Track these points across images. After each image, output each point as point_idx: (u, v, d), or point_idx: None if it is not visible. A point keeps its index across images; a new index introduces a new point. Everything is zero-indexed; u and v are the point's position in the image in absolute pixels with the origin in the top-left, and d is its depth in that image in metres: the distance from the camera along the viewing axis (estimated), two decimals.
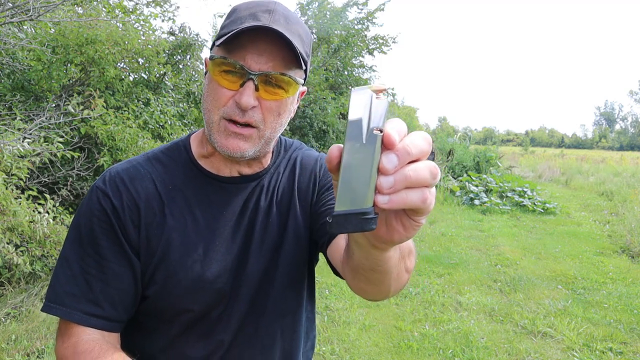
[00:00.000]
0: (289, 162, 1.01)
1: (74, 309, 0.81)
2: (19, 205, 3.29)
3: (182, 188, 0.90)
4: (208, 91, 0.83)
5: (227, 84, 0.80)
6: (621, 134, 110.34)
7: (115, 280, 0.83)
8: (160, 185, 0.89)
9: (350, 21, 14.10)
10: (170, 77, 6.48)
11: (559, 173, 17.09)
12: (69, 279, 0.83)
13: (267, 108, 0.81)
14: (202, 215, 0.89)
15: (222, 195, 0.91)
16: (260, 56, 0.78)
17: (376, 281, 0.73)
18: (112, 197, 0.85)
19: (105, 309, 0.82)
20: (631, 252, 6.06)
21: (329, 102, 12.32)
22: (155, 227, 0.86)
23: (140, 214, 0.86)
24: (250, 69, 0.77)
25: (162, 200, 0.88)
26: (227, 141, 0.81)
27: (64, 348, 0.81)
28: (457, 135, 16.21)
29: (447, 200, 9.87)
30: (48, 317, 3.53)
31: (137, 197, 0.86)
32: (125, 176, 0.88)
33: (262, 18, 0.78)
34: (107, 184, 0.87)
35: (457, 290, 4.53)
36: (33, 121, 3.96)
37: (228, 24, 0.82)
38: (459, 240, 6.55)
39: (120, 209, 0.85)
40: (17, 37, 4.43)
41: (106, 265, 0.83)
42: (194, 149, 0.94)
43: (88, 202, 0.87)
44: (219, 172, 0.92)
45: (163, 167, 0.91)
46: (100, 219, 0.84)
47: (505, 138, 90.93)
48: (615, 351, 3.33)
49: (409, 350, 3.28)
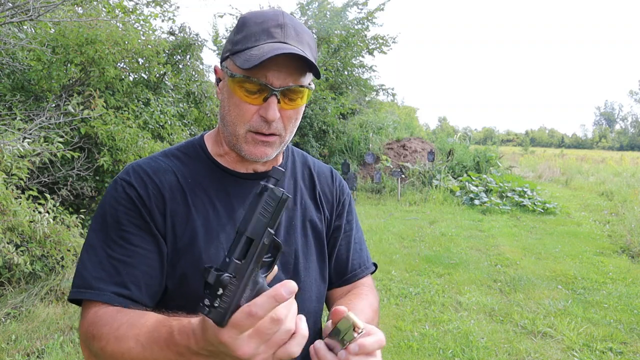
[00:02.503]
0: (305, 167, 1.10)
1: (102, 290, 0.82)
2: (19, 205, 3.29)
3: (201, 181, 0.94)
4: (230, 105, 0.89)
5: (250, 100, 0.86)
6: (621, 134, 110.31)
7: (141, 263, 0.85)
8: (182, 178, 0.93)
9: (350, 21, 14.10)
10: (170, 77, 6.48)
11: (559, 173, 17.10)
12: (95, 264, 0.84)
13: (287, 117, 0.89)
14: (222, 206, 0.93)
15: (240, 189, 0.96)
16: (280, 72, 0.84)
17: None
18: (138, 187, 0.88)
19: (132, 291, 0.84)
20: (631, 252, 6.06)
21: (329, 102, 12.32)
22: (180, 216, 0.90)
23: (165, 203, 0.89)
24: (272, 85, 0.84)
25: (184, 191, 0.92)
26: (255, 149, 0.89)
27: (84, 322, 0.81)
28: (457, 135, 16.20)
29: (447, 200, 9.87)
30: (48, 316, 3.53)
31: (161, 188, 0.90)
32: (148, 169, 0.92)
33: (275, 34, 0.85)
34: (132, 175, 0.91)
35: (457, 290, 4.53)
36: (33, 121, 3.96)
37: (242, 39, 0.87)
38: (459, 240, 6.55)
39: (146, 197, 0.88)
40: (17, 37, 4.43)
41: (132, 250, 0.85)
42: (210, 148, 0.99)
43: (113, 193, 0.89)
44: (235, 169, 0.98)
45: (181, 163, 0.96)
46: (127, 206, 0.87)
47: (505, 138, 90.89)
48: (615, 351, 3.33)
49: (409, 350, 3.28)
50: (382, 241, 6.46)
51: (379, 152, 12.66)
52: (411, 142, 13.18)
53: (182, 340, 0.65)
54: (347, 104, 13.07)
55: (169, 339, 0.67)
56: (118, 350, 0.74)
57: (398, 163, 12.17)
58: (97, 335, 0.77)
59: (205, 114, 7.20)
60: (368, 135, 13.06)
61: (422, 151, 12.87)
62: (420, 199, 10.08)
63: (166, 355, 0.68)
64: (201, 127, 7.15)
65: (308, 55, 0.84)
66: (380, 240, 6.49)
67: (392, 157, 12.46)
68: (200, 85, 7.13)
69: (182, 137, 5.87)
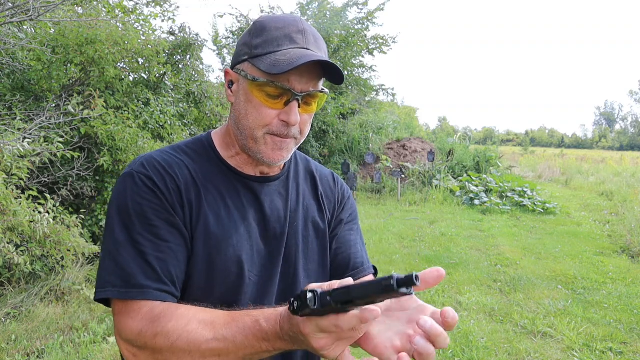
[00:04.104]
0: (307, 170, 1.12)
1: (146, 288, 0.81)
2: (19, 205, 3.29)
3: (212, 179, 0.95)
4: (248, 109, 0.89)
5: (271, 104, 0.87)
6: (621, 134, 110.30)
7: (173, 258, 0.85)
8: (195, 174, 0.93)
9: (350, 21, 14.11)
10: (170, 77, 6.48)
11: (559, 173, 17.10)
12: (130, 262, 0.82)
13: (303, 121, 0.91)
14: (233, 204, 0.94)
15: (249, 190, 0.97)
16: (302, 77, 0.86)
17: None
18: (158, 181, 0.88)
19: (169, 287, 0.84)
20: (631, 252, 6.06)
21: (329, 102, 12.32)
22: (196, 210, 0.90)
23: (182, 196, 0.89)
24: (294, 89, 0.86)
25: (198, 186, 0.92)
26: (273, 153, 0.91)
27: (137, 320, 0.79)
28: (457, 135, 16.21)
29: (447, 200, 9.87)
30: (48, 316, 3.53)
31: (177, 181, 0.90)
32: (163, 162, 0.91)
33: (298, 40, 0.87)
34: (148, 168, 0.89)
35: (457, 290, 4.53)
36: (33, 121, 3.96)
37: (262, 43, 0.87)
38: (459, 240, 6.55)
39: (166, 191, 0.88)
40: (17, 37, 4.43)
41: (163, 245, 0.85)
42: (219, 148, 0.99)
43: (133, 187, 0.87)
44: (243, 170, 0.99)
45: (191, 159, 0.96)
46: (151, 200, 0.86)
47: (505, 138, 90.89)
48: (615, 351, 3.33)
49: None
50: (382, 241, 6.46)
51: (379, 152, 12.66)
52: (411, 142, 13.18)
53: (269, 326, 0.71)
54: (347, 104, 13.07)
55: (255, 326, 0.72)
56: (194, 342, 0.74)
57: (398, 163, 12.17)
58: (162, 332, 0.76)
59: (205, 114, 7.20)
60: (368, 135, 13.06)
61: (422, 151, 12.87)
62: (420, 199, 10.08)
63: (250, 342, 0.72)
64: (201, 127, 7.15)
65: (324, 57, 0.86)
66: (380, 240, 6.49)
67: (392, 157, 12.46)
68: (200, 85, 7.13)
69: (182, 137, 5.87)
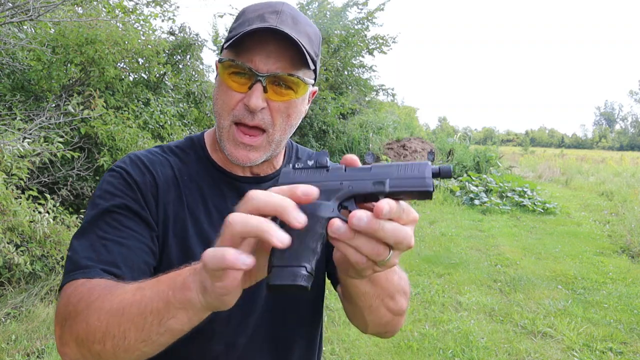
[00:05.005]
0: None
1: (91, 268, 0.75)
2: (19, 205, 3.29)
3: (197, 180, 0.90)
4: (218, 94, 0.84)
5: (235, 87, 0.81)
6: (621, 134, 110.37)
7: (134, 246, 0.80)
8: (178, 174, 0.90)
9: (350, 21, 14.11)
10: (170, 77, 6.48)
11: (559, 173, 17.09)
12: (86, 247, 0.79)
13: (276, 110, 0.82)
14: (215, 208, 0.89)
15: (236, 192, 0.91)
16: (268, 57, 0.78)
17: (352, 303, 0.80)
18: (134, 174, 0.85)
19: (123, 271, 0.77)
20: (631, 252, 6.06)
21: (329, 102, 12.33)
22: (173, 210, 0.87)
23: (159, 194, 0.86)
24: (258, 70, 0.78)
25: (179, 187, 0.88)
26: (236, 151, 0.84)
27: (73, 296, 0.71)
28: (457, 135, 16.22)
29: (447, 200, 9.87)
30: (48, 317, 3.53)
31: (157, 178, 0.87)
32: (146, 159, 0.89)
33: (269, 19, 0.79)
34: (128, 163, 0.88)
35: (457, 290, 4.53)
36: (33, 121, 3.96)
37: (236, 26, 0.83)
38: (459, 240, 6.55)
39: (142, 183, 0.85)
40: (17, 37, 4.43)
41: (125, 231, 0.81)
42: (209, 147, 0.95)
43: (108, 178, 0.86)
44: (232, 170, 0.93)
45: (179, 159, 0.92)
46: (122, 190, 0.84)
47: (505, 138, 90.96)
48: (615, 351, 3.33)
49: (409, 350, 3.28)
50: None
51: (379, 152, 12.67)
52: (411, 142, 13.19)
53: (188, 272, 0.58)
54: (347, 104, 13.07)
55: (176, 277, 0.59)
56: (115, 301, 0.63)
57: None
58: (85, 300, 0.67)
59: (205, 114, 7.20)
60: (368, 135, 13.06)
61: (422, 151, 12.88)
62: None
63: (159, 289, 0.59)
64: (201, 127, 7.15)
65: (303, 43, 0.78)
66: None
67: (392, 157, 12.46)
68: (200, 85, 7.13)
69: (182, 137, 5.85)
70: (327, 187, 0.57)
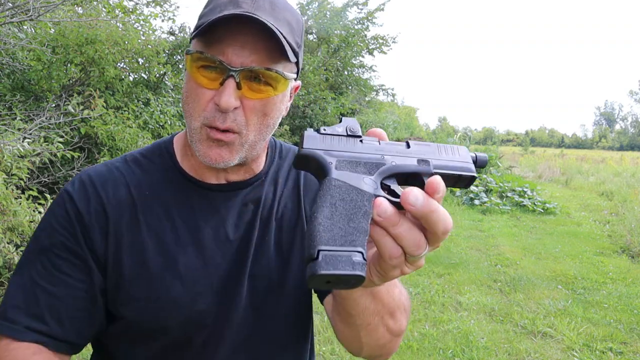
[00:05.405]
0: (290, 174, 0.90)
1: (15, 323, 0.70)
2: (19, 205, 3.29)
3: (160, 194, 0.80)
4: (187, 91, 0.74)
5: (206, 83, 0.70)
6: (621, 134, 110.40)
7: (67, 295, 0.73)
8: (136, 190, 0.79)
9: (350, 21, 14.11)
10: (170, 77, 6.48)
11: (559, 173, 17.08)
12: (18, 290, 0.73)
13: (250, 108, 0.71)
14: (183, 224, 0.79)
15: (207, 203, 0.81)
16: (242, 49, 0.68)
17: (347, 322, 0.72)
18: (78, 201, 0.76)
19: (50, 326, 0.71)
20: (631, 252, 6.06)
21: (329, 102, 12.33)
22: (127, 237, 0.76)
23: (108, 222, 0.76)
24: (230, 64, 0.68)
25: (135, 207, 0.78)
26: (209, 150, 0.73)
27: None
28: (457, 135, 16.21)
29: (447, 200, 9.87)
30: None
31: (106, 203, 0.77)
32: (97, 180, 0.79)
33: (243, 4, 0.68)
34: (76, 187, 0.78)
35: (457, 290, 4.53)
36: (33, 121, 3.96)
37: (207, 12, 0.72)
38: (459, 240, 6.55)
39: (86, 214, 0.75)
40: (17, 37, 4.43)
41: (59, 278, 0.73)
42: (178, 152, 0.84)
43: (53, 207, 0.78)
44: (203, 178, 0.82)
45: (142, 171, 0.81)
46: (62, 225, 0.75)
47: (505, 138, 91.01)
48: (615, 351, 3.33)
49: (409, 350, 3.28)
50: None
51: None
52: None
53: None
54: (347, 104, 13.07)
55: None
56: None
57: None
58: None
59: None
60: None
61: None
62: None
63: None
64: None
65: (283, 32, 0.68)
66: None
67: None
68: None
69: None
70: (368, 160, 0.49)
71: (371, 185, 0.46)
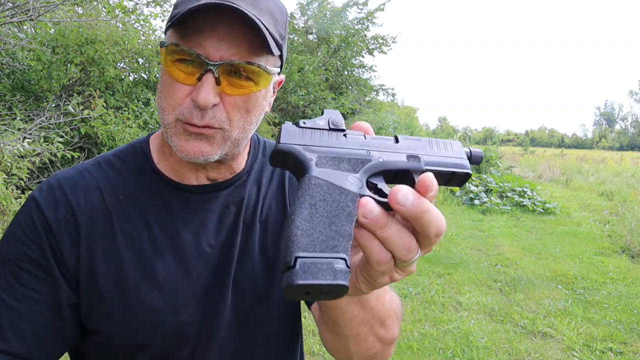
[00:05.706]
0: (275, 173, 0.85)
1: None
2: (19, 205, 3.29)
3: (136, 198, 0.74)
4: (161, 86, 0.69)
5: (182, 77, 0.65)
6: (621, 134, 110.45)
7: (31, 311, 0.68)
8: (109, 196, 0.74)
9: (350, 21, 14.11)
10: None
11: (559, 173, 17.08)
12: None
13: (232, 105, 0.67)
14: (161, 230, 0.73)
15: (187, 206, 0.76)
16: (221, 41, 0.63)
17: (334, 331, 0.68)
18: (45, 209, 0.70)
19: (12, 344, 0.67)
20: (631, 252, 6.06)
21: (329, 102, 12.33)
22: (101, 245, 0.71)
23: (79, 230, 0.71)
24: (208, 57, 0.63)
25: (109, 213, 0.72)
26: (187, 144, 0.67)
27: None
28: (457, 135, 16.21)
29: (447, 200, 9.87)
30: None
31: (77, 210, 0.71)
32: (67, 185, 0.73)
33: None
34: (44, 193, 0.72)
35: (457, 290, 4.53)
36: (33, 121, 3.96)
37: (182, 1, 0.66)
38: (459, 240, 6.55)
39: (55, 223, 0.70)
40: (17, 37, 4.43)
41: (22, 292, 0.68)
42: (154, 152, 0.79)
43: (20, 215, 0.72)
44: (182, 179, 0.77)
45: (115, 173, 0.76)
46: (27, 235, 0.70)
47: (505, 138, 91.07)
48: (615, 351, 3.33)
49: (409, 350, 3.28)
50: None
51: None
52: None
53: None
54: (347, 104, 13.07)
55: None
56: None
57: None
58: None
59: None
60: None
61: None
62: None
63: None
64: None
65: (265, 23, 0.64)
66: None
67: None
68: None
69: None
70: (352, 156, 0.45)
71: (356, 183, 0.43)
